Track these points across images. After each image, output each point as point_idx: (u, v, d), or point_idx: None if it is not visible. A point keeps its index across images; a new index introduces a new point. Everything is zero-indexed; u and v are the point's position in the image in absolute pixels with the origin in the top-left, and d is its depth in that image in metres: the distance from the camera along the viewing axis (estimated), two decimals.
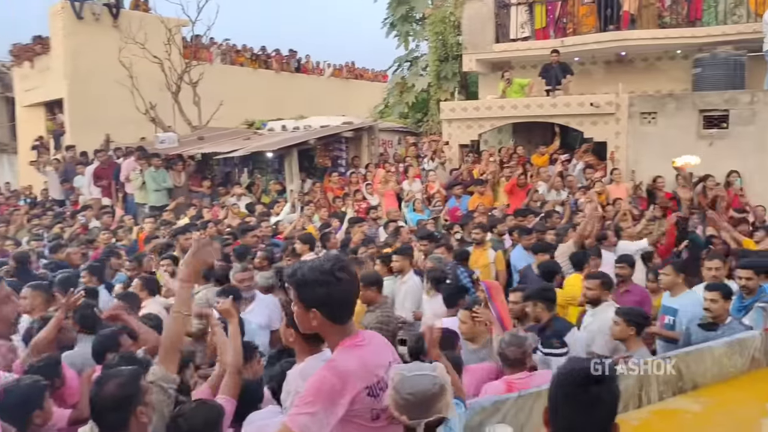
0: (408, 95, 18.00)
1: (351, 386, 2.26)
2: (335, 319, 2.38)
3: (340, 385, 2.24)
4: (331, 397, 2.22)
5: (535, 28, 14.45)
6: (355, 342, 2.40)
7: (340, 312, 2.39)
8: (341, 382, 2.24)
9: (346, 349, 2.37)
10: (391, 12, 20.04)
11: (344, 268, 2.36)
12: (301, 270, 2.37)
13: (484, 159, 12.92)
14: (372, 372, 2.35)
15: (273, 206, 12.16)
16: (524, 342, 4.11)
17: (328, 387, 2.24)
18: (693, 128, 11.68)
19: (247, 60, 24.06)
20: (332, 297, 2.34)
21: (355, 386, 2.27)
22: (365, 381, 2.31)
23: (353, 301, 2.45)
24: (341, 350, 2.37)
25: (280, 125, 16.49)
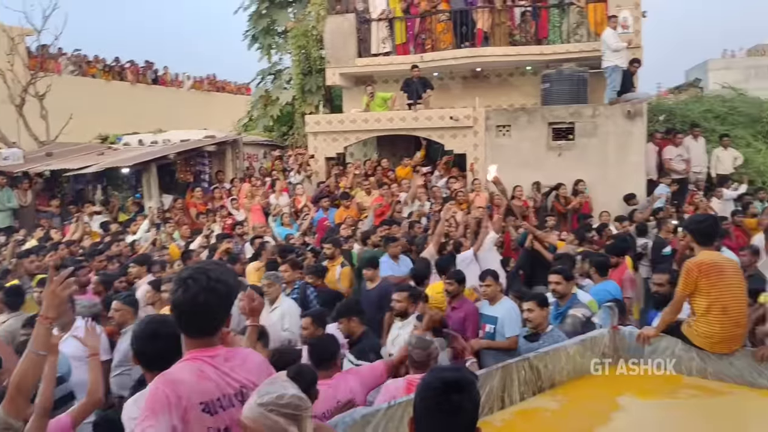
0: (272, 108, 17.79)
1: (185, 398, 2.15)
2: (184, 329, 2.29)
3: (173, 397, 2.13)
4: (166, 407, 2.11)
5: (395, 43, 14.79)
6: (202, 355, 2.28)
7: (189, 322, 2.28)
8: (174, 394, 2.13)
9: (187, 362, 2.26)
10: (252, 24, 19.77)
11: (197, 278, 2.23)
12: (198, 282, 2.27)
13: (349, 172, 13.02)
14: (213, 388, 2.24)
15: (130, 225, 11.54)
16: (430, 345, 4.14)
17: (161, 397, 2.12)
18: (543, 140, 12.42)
19: (99, 71, 22.81)
20: (180, 304, 2.25)
21: (188, 399, 2.16)
22: (201, 396, 2.20)
23: (207, 313, 2.28)
24: (181, 362, 2.27)
25: (137, 139, 15.75)
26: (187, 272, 2.29)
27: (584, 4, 13.59)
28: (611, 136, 12.02)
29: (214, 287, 2.25)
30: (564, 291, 5.70)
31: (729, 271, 4.43)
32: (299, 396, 2.09)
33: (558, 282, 5.69)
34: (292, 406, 2.08)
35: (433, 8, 14.38)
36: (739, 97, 15.02)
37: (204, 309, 2.25)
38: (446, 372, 2.12)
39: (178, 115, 21.22)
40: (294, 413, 2.06)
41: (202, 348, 2.29)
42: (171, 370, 2.21)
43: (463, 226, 9.90)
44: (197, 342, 2.30)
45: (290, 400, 2.08)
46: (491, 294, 6.09)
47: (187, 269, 2.35)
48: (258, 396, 2.08)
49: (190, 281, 2.24)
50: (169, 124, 18.00)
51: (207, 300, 2.24)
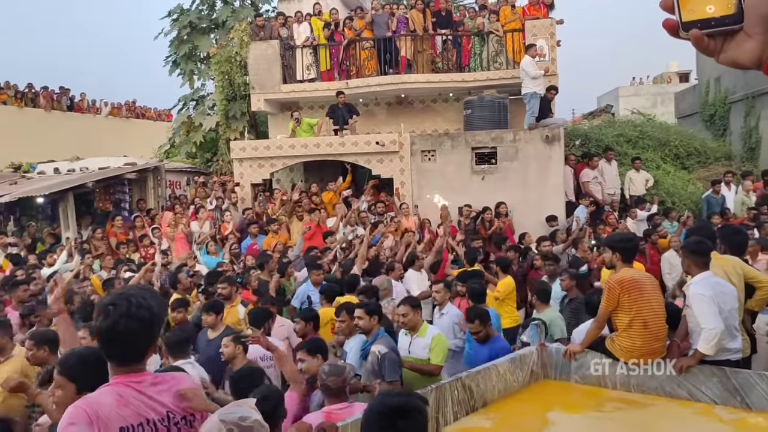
0: (195, 134, 17.50)
1: (102, 423, 2.11)
2: (107, 355, 2.28)
3: (93, 415, 2.11)
4: (86, 423, 2.08)
5: (320, 70, 14.88)
6: (127, 380, 2.25)
7: (111, 349, 2.26)
8: (94, 413, 2.11)
9: (110, 386, 2.24)
10: (173, 50, 19.47)
11: (118, 304, 2.20)
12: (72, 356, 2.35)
13: (276, 198, 12.93)
14: (133, 413, 2.20)
15: (45, 256, 11.05)
16: (344, 371, 4.12)
17: (81, 413, 2.10)
18: (467, 164, 12.72)
19: (10, 98, 21.88)
20: (102, 331, 2.24)
21: (106, 424, 2.12)
22: (121, 421, 2.16)
23: (129, 339, 2.23)
24: (104, 387, 2.24)
25: (53, 168, 15.16)
26: (109, 299, 2.27)
27: (503, 33, 14.08)
28: (532, 159, 12.44)
29: (136, 313, 2.21)
30: (366, 326, 5.40)
31: (648, 286, 4.65)
32: (261, 423, 2.15)
33: (360, 317, 5.41)
34: (253, 430, 2.14)
35: (357, 36, 14.58)
36: (648, 122, 15.89)
37: (124, 336, 2.21)
38: (393, 398, 2.14)
39: (96, 143, 20.58)
40: None
41: (127, 374, 2.26)
42: (92, 394, 2.20)
43: (390, 250, 10.03)
44: (122, 369, 2.27)
45: (252, 424, 2.14)
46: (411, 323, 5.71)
47: (109, 295, 2.34)
48: (220, 413, 2.15)
49: (111, 308, 2.21)
50: (87, 152, 17.43)
51: (127, 326, 2.20)
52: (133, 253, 11.43)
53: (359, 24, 14.60)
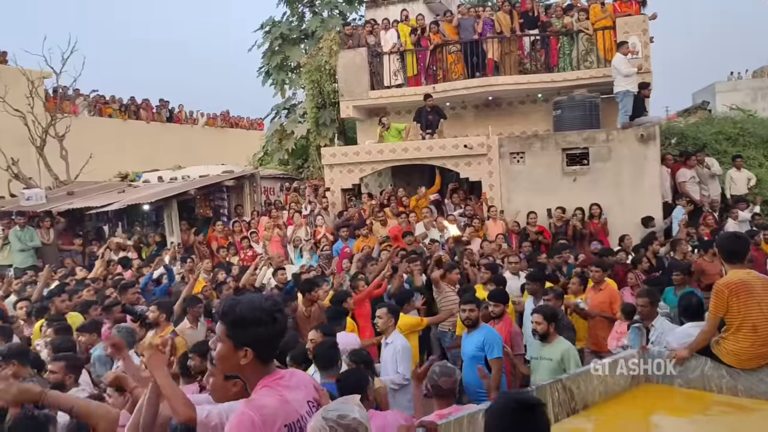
0: (287, 142, 18.06)
1: (270, 423, 2.27)
2: (264, 359, 2.41)
3: (260, 422, 2.25)
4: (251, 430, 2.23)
5: (407, 75, 15.06)
6: (274, 380, 2.42)
7: (270, 352, 2.43)
8: (261, 419, 2.26)
9: (267, 388, 2.39)
10: (266, 61, 20.18)
11: (281, 310, 2.42)
12: (239, 308, 2.36)
13: (364, 202, 13.19)
14: (292, 409, 2.37)
15: (153, 260, 11.69)
16: (454, 372, 4.18)
17: (248, 423, 2.24)
18: (557, 166, 12.55)
19: (115, 111, 23.26)
20: (267, 337, 2.39)
21: (274, 423, 2.28)
22: (285, 418, 2.33)
23: (280, 341, 2.48)
24: (261, 388, 2.39)
25: (157, 176, 16.01)
26: (270, 305, 2.43)
27: (593, 31, 13.82)
28: (626, 160, 12.14)
29: (286, 318, 2.49)
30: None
31: (758, 288, 4.49)
32: (361, 421, 2.21)
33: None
34: (350, 428, 2.21)
35: (444, 41, 14.66)
36: (749, 119, 15.14)
37: (280, 338, 2.47)
38: (519, 395, 2.25)
39: (194, 152, 21.58)
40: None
41: (270, 373, 2.44)
42: (258, 397, 2.34)
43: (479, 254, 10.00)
44: (267, 368, 2.44)
45: (351, 422, 2.21)
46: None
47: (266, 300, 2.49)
48: (324, 410, 2.23)
49: (279, 314, 2.42)
50: (186, 161, 18.31)
51: (284, 330, 2.48)
52: (232, 256, 11.93)
53: (446, 28, 14.68)
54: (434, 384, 4.13)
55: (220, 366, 2.47)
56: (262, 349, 2.39)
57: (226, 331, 2.37)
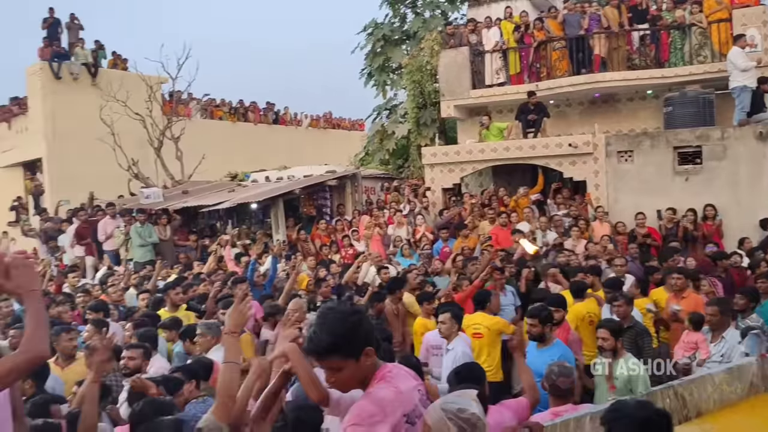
0: (388, 142, 18.31)
1: (391, 414, 2.33)
2: (377, 351, 2.50)
3: (380, 415, 2.31)
4: (372, 424, 2.29)
5: (510, 73, 14.89)
6: (385, 372, 2.49)
7: (375, 344, 2.50)
8: (381, 411, 2.32)
9: (382, 381, 2.46)
10: (368, 63, 20.53)
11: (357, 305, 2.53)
12: (338, 332, 2.40)
13: (465, 202, 13.15)
14: (408, 398, 2.44)
15: (261, 257, 12.18)
16: (572, 373, 4.16)
17: (366, 415, 2.31)
18: (668, 165, 12.04)
19: (225, 114, 24.34)
20: (370, 330, 2.49)
21: (395, 413, 2.34)
22: (403, 408, 2.39)
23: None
24: (377, 382, 2.45)
25: (264, 176, 16.64)
26: (348, 305, 2.59)
27: (707, 24, 13.16)
28: (743, 158, 11.48)
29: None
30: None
31: None
32: (479, 416, 2.24)
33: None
34: (470, 422, 2.23)
35: (548, 37, 14.39)
36: None
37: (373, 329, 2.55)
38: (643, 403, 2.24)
39: (298, 152, 22.24)
40: (469, 429, 2.22)
41: (380, 366, 2.52)
42: (376, 390, 2.42)
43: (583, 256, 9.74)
44: (377, 361, 2.52)
45: (470, 417, 2.24)
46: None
47: (341, 305, 2.64)
48: (443, 402, 2.27)
49: (360, 309, 2.60)
50: (291, 161, 18.92)
51: None
52: (334, 254, 12.22)
53: (550, 24, 14.41)
54: (552, 384, 4.11)
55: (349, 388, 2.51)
56: (371, 340, 2.47)
57: (341, 356, 2.41)
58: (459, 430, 2.21)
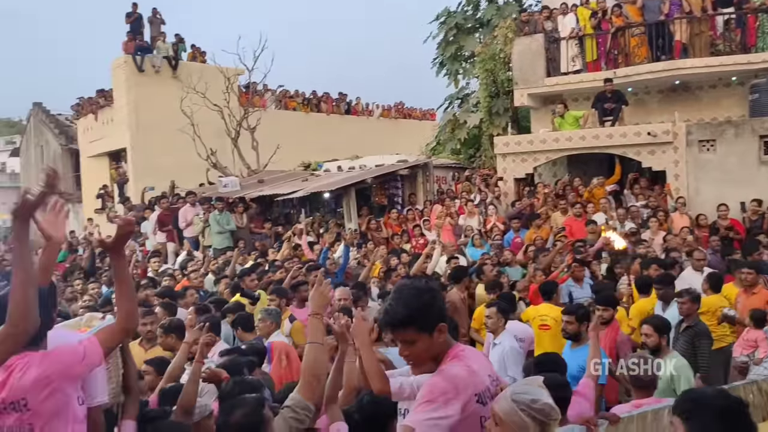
0: (460, 132, 18.24)
1: (463, 391, 2.34)
2: (450, 329, 2.54)
3: (453, 392, 2.32)
4: (446, 401, 2.30)
5: (586, 61, 14.56)
6: (458, 351, 2.51)
7: (450, 323, 2.56)
8: (454, 388, 2.33)
9: (455, 359, 2.47)
10: (440, 52, 20.45)
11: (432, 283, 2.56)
12: (412, 306, 2.45)
13: (538, 192, 12.98)
14: (480, 379, 2.44)
15: (333, 245, 12.39)
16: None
17: (439, 392, 2.32)
18: (753, 154, 11.55)
19: (299, 104, 24.75)
20: (444, 309, 2.54)
21: (466, 392, 2.35)
22: (475, 388, 2.40)
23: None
24: (450, 360, 2.46)
25: (336, 166, 16.88)
26: (423, 282, 2.60)
27: None
28: None
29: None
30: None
31: None
32: (551, 405, 2.23)
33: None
34: (543, 412, 2.23)
35: (627, 23, 13.98)
36: None
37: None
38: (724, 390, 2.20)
39: (370, 142, 22.38)
40: (543, 420, 2.21)
41: (453, 345, 2.54)
42: (448, 367, 2.42)
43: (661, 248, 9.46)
44: (450, 339, 2.55)
45: (543, 407, 2.23)
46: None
47: (416, 282, 2.64)
48: (513, 392, 2.25)
49: (434, 286, 2.61)
50: (363, 151, 19.10)
51: None
52: (405, 243, 12.30)
53: (629, 10, 13.98)
54: (634, 375, 4.04)
55: (421, 362, 2.52)
56: (445, 317, 2.51)
57: (415, 329, 2.44)
58: (533, 421, 2.21)
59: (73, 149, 25.07)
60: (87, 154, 23.07)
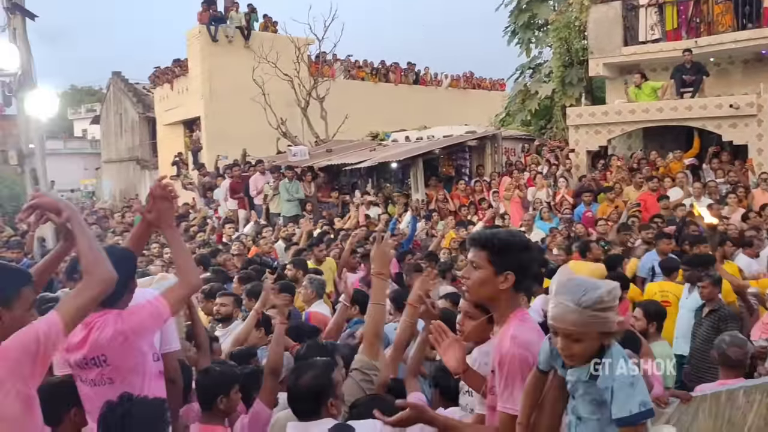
0: (530, 102, 17.86)
1: (535, 357, 2.27)
2: (519, 287, 2.43)
3: (532, 358, 2.27)
4: (524, 368, 2.26)
5: (666, 29, 13.97)
6: (524, 314, 2.44)
7: (525, 281, 2.44)
8: (532, 355, 2.27)
9: (523, 321, 2.40)
10: (512, 20, 19.96)
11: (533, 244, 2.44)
12: (499, 235, 2.44)
13: (613, 165, 12.64)
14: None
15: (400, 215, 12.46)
16: (745, 344, 3.99)
17: (520, 364, 2.27)
18: None
19: (367, 74, 24.72)
20: (527, 262, 2.42)
21: (536, 357, 2.28)
22: None
23: (536, 273, 2.47)
24: (517, 322, 2.38)
25: (404, 136, 16.86)
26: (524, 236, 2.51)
27: None
28: None
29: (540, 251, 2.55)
30: None
31: None
32: (608, 289, 2.06)
33: None
34: (612, 296, 2.05)
35: None
36: None
37: (537, 268, 2.48)
38: None
39: (438, 112, 22.19)
40: (613, 305, 2.05)
41: (519, 306, 2.47)
42: (520, 334, 2.33)
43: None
44: (518, 299, 2.47)
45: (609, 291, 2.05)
46: None
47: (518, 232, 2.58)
48: (574, 301, 2.03)
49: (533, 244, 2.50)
50: (431, 121, 18.98)
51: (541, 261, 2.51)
52: (472, 215, 12.23)
53: None
54: (722, 353, 3.93)
55: (474, 292, 2.47)
56: (521, 275, 2.41)
57: (488, 256, 2.40)
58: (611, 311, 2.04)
59: (150, 117, 25.84)
60: (163, 122, 23.77)
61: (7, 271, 2.40)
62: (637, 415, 1.96)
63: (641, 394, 1.99)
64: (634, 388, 1.99)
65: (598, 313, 2.00)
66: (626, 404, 1.97)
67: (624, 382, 1.99)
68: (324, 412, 2.84)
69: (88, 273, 2.39)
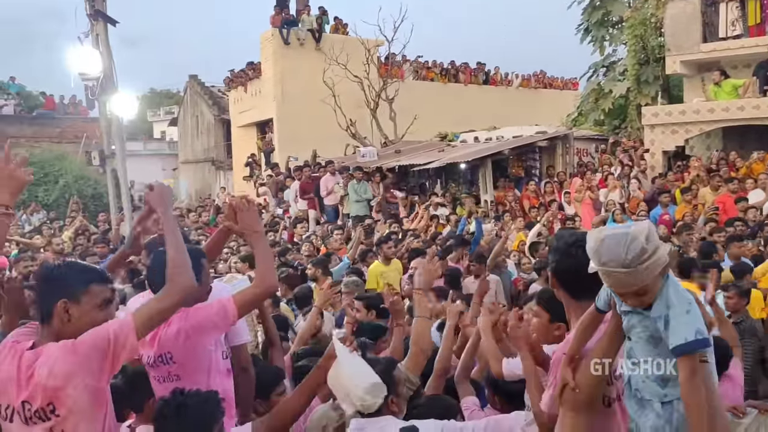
0: (604, 102, 17.42)
1: None
2: (569, 291, 2.35)
3: None
4: None
5: (748, 24, 13.40)
6: None
7: (572, 286, 2.33)
8: None
9: None
10: (586, 18, 19.52)
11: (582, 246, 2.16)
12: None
13: (691, 166, 12.22)
14: None
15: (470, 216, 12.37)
16: None
17: None
18: None
19: (436, 75, 24.68)
20: (574, 268, 2.24)
21: None
22: None
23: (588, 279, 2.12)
24: None
25: (473, 137, 16.76)
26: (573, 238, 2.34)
27: None
28: None
29: None
30: None
31: None
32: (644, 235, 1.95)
33: None
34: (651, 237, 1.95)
35: None
36: None
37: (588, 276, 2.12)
38: None
39: (509, 113, 21.96)
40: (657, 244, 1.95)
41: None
42: None
43: None
44: (581, 307, 2.31)
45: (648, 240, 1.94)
46: None
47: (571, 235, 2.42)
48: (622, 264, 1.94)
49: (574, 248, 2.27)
50: (501, 122, 18.80)
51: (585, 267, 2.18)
52: (542, 217, 12.03)
53: None
54: None
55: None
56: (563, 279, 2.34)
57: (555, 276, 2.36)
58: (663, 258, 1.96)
59: (224, 119, 26.53)
60: (237, 124, 24.38)
61: (77, 267, 2.50)
62: (693, 343, 1.89)
63: (697, 322, 1.91)
64: (690, 314, 1.92)
65: (649, 262, 1.91)
66: (682, 332, 1.90)
67: (679, 309, 1.92)
68: (384, 409, 2.86)
69: (171, 281, 2.46)
